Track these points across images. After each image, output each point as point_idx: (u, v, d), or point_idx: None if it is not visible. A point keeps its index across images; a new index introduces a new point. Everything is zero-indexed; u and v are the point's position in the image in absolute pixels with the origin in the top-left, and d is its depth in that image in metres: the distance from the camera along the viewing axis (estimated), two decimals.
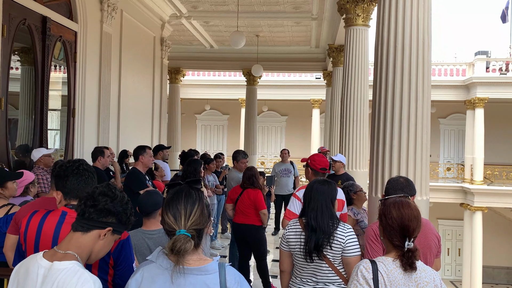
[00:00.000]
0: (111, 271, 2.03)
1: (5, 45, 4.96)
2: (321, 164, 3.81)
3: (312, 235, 2.67)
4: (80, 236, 1.68)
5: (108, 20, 7.26)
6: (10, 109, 5.33)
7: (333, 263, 2.68)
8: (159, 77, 10.17)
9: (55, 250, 1.66)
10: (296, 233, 2.79)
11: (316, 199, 2.78)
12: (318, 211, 2.73)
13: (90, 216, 1.68)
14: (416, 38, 3.74)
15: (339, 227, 2.71)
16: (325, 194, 2.80)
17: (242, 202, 5.16)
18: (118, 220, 1.73)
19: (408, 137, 3.73)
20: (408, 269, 1.93)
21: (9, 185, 3.24)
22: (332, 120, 11.25)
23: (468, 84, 17.56)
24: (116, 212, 1.72)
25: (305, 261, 2.71)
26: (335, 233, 2.68)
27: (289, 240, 2.80)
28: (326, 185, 2.86)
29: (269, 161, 21.04)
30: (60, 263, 1.60)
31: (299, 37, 12.49)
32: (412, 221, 1.97)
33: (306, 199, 2.85)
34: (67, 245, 1.67)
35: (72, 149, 6.50)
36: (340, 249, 2.67)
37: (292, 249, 2.79)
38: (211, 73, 20.29)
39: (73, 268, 1.60)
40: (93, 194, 1.72)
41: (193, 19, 10.72)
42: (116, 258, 2.01)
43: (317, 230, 2.67)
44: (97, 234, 1.70)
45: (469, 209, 16.82)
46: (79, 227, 1.69)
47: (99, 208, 1.69)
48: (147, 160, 4.88)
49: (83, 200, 1.72)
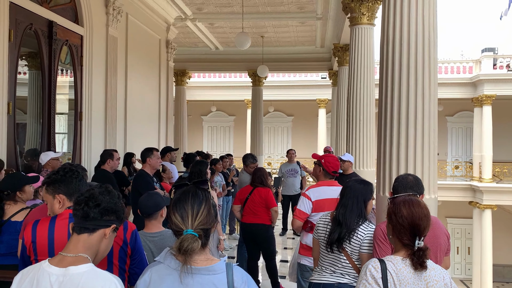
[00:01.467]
0: (128, 260, 2.12)
1: (12, 50, 5.01)
2: (334, 167, 3.88)
3: (337, 228, 2.82)
4: (87, 238, 1.68)
5: (114, 23, 7.30)
6: (19, 114, 5.38)
7: (351, 256, 2.80)
8: (165, 80, 10.20)
9: (63, 255, 1.64)
10: (324, 223, 2.97)
11: (348, 196, 2.92)
12: (348, 208, 2.87)
13: (95, 216, 1.70)
14: (422, 35, 3.71)
15: (363, 224, 2.84)
16: (358, 193, 2.93)
17: (252, 201, 5.18)
18: (117, 217, 1.77)
19: (415, 135, 3.71)
20: (419, 268, 1.91)
21: (26, 189, 3.27)
22: (339, 120, 11.22)
23: (475, 81, 17.44)
24: (116, 209, 1.76)
25: (326, 251, 2.87)
26: (357, 230, 2.81)
27: (318, 228, 3.00)
28: (362, 184, 2.99)
29: (276, 162, 21.03)
30: (76, 268, 1.58)
31: (304, 37, 12.48)
32: (423, 220, 1.96)
33: (341, 194, 3.00)
34: (76, 247, 1.66)
35: (79, 152, 6.54)
36: (358, 244, 2.79)
37: (319, 236, 2.97)
38: (217, 75, 20.33)
39: (92, 270, 1.59)
40: (93, 195, 1.73)
41: (198, 21, 10.75)
42: (132, 247, 2.11)
43: (342, 225, 2.81)
44: (102, 233, 1.71)
45: (478, 207, 16.69)
46: (84, 229, 1.69)
47: (103, 207, 1.71)
48: (155, 162, 4.91)
49: (83, 203, 1.71)
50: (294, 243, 7.99)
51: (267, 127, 20.92)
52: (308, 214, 3.70)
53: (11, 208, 3.16)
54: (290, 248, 7.90)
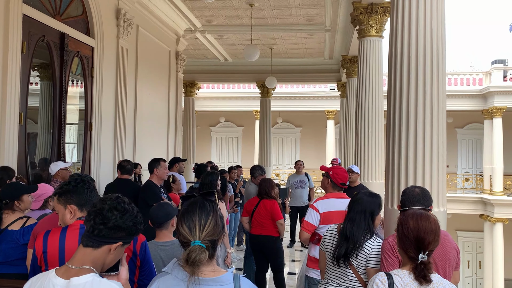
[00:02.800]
0: (137, 271, 2.12)
1: (25, 61, 5.09)
2: (342, 179, 3.85)
3: (343, 243, 2.79)
4: (92, 252, 1.65)
5: (124, 35, 7.40)
6: (30, 123, 5.45)
7: (357, 270, 2.77)
8: (174, 91, 10.29)
9: (68, 267, 1.63)
10: (331, 236, 2.93)
11: (356, 210, 2.88)
12: (355, 222, 2.83)
13: (100, 234, 1.66)
14: (430, 47, 3.72)
15: (370, 239, 2.81)
16: (366, 207, 2.88)
17: (258, 213, 5.17)
18: (127, 233, 1.71)
19: (424, 147, 3.69)
20: (423, 282, 1.90)
21: (24, 198, 3.28)
22: (347, 131, 11.19)
23: (485, 93, 17.33)
24: (125, 227, 1.69)
25: (332, 264, 2.84)
26: (364, 244, 2.78)
27: (324, 241, 2.96)
28: (370, 197, 2.95)
29: (284, 173, 20.98)
30: (78, 278, 1.59)
31: (313, 48, 12.53)
32: (429, 234, 1.94)
33: (349, 208, 2.96)
34: (81, 260, 1.64)
35: (89, 162, 6.59)
36: (365, 259, 2.76)
37: (325, 250, 2.93)
38: (226, 86, 20.45)
39: (94, 280, 1.59)
40: (102, 211, 1.67)
41: (208, 33, 10.86)
42: (142, 259, 2.11)
43: (349, 239, 2.78)
44: (108, 249, 1.67)
45: (489, 220, 16.46)
46: (89, 243, 1.66)
47: (109, 226, 1.66)
48: (162, 173, 4.91)
49: (92, 216, 1.67)
50: (302, 256, 7.93)
51: (275, 138, 20.93)
52: (315, 226, 3.67)
53: (8, 217, 3.19)
54: (298, 260, 7.84)
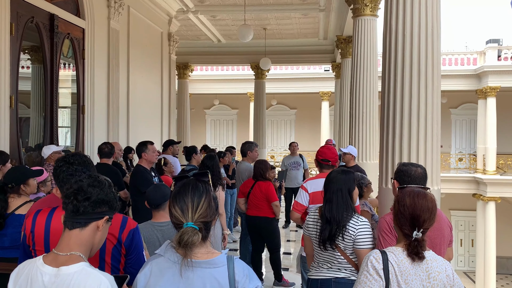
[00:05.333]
0: (122, 259, 2.07)
1: (14, 43, 5.00)
2: (321, 155, 3.79)
3: (326, 226, 2.73)
4: (79, 233, 1.63)
5: (115, 16, 7.27)
6: (22, 108, 5.39)
7: (345, 252, 2.74)
8: (167, 73, 10.19)
9: (55, 253, 1.60)
10: (314, 220, 2.87)
11: (332, 190, 2.80)
12: (334, 203, 2.76)
13: (85, 210, 1.63)
14: (425, 26, 3.68)
15: (352, 218, 2.73)
16: (342, 185, 2.80)
17: (254, 195, 5.18)
18: (110, 207, 1.70)
19: (418, 127, 3.69)
20: (416, 259, 1.91)
21: (30, 182, 3.28)
22: (342, 112, 11.19)
23: (480, 73, 17.32)
24: (108, 199, 1.69)
25: (319, 248, 2.80)
26: (348, 225, 2.71)
27: (307, 225, 2.90)
28: (343, 174, 2.86)
29: (279, 155, 21.02)
30: (67, 268, 1.55)
31: (307, 29, 12.41)
32: (425, 212, 1.94)
33: (324, 189, 2.88)
34: (68, 245, 1.61)
35: (82, 145, 6.55)
36: (351, 240, 2.70)
37: (310, 234, 2.88)
38: (219, 68, 20.28)
39: (83, 270, 1.56)
40: (82, 187, 1.65)
41: (200, 14, 10.71)
42: (128, 247, 2.05)
43: (332, 221, 2.72)
44: (95, 226, 1.66)
45: (482, 199, 16.66)
46: (76, 224, 1.63)
47: (93, 200, 1.64)
48: (151, 156, 4.79)
49: (71, 197, 1.64)
50: (297, 236, 8.01)
51: (270, 120, 20.89)
52: (305, 206, 3.68)
53: (15, 201, 3.18)
54: (293, 240, 7.91)
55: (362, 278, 1.94)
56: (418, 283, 1.90)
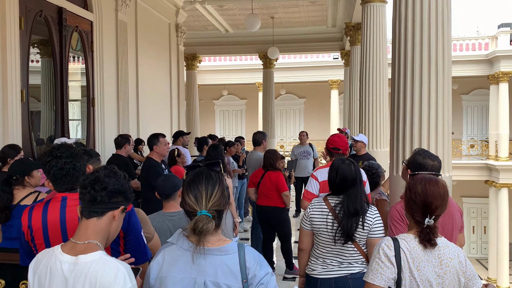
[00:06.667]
0: (121, 242, 2.10)
1: (23, 37, 5.03)
2: (332, 143, 3.76)
3: (353, 220, 2.64)
4: (96, 222, 1.67)
5: (123, 8, 7.27)
6: (33, 101, 5.43)
7: (359, 244, 2.71)
8: (175, 64, 10.18)
9: (73, 242, 1.64)
10: (322, 214, 2.76)
11: (349, 181, 2.72)
12: (355, 194, 2.69)
13: (102, 200, 1.68)
14: (435, 12, 3.63)
15: (369, 209, 2.72)
16: (355, 175, 2.75)
17: (264, 185, 5.19)
18: (125, 197, 1.75)
19: (429, 114, 3.66)
20: (428, 246, 1.90)
21: (34, 174, 3.35)
22: (351, 101, 11.11)
23: (491, 58, 17.05)
24: (124, 190, 1.74)
25: (332, 243, 2.70)
26: (366, 216, 2.69)
27: (313, 219, 2.78)
28: (351, 166, 2.79)
29: (288, 144, 21.00)
30: (85, 256, 1.59)
31: (315, 16, 12.29)
32: (436, 199, 1.93)
33: (335, 180, 2.78)
34: (85, 234, 1.65)
35: (93, 138, 6.60)
36: (367, 231, 2.69)
37: (316, 229, 2.77)
38: (227, 58, 20.22)
39: (101, 259, 1.59)
40: (99, 177, 1.70)
41: (207, 4, 10.64)
42: (125, 229, 2.07)
43: (358, 213, 2.65)
44: (111, 216, 1.70)
45: (494, 186, 16.51)
46: (93, 213, 1.67)
47: (110, 190, 1.69)
48: (162, 149, 4.77)
49: (88, 187, 1.69)
50: None
51: (279, 109, 20.83)
52: (316, 195, 3.67)
53: (19, 192, 3.25)
54: None
55: (373, 265, 1.94)
56: (430, 270, 1.90)
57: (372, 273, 1.93)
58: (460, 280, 1.92)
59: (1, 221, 3.21)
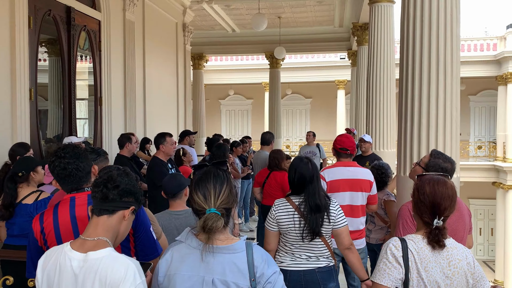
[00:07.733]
0: (131, 238, 2.10)
1: (32, 36, 5.06)
2: (340, 143, 3.75)
3: (317, 216, 2.71)
4: (107, 220, 1.68)
5: (131, 8, 7.30)
6: (41, 100, 5.47)
7: (325, 237, 2.78)
8: (182, 63, 10.21)
9: (83, 239, 1.64)
10: (288, 213, 2.79)
11: (307, 179, 2.79)
12: (314, 190, 2.77)
13: (114, 198, 1.69)
14: (444, 12, 3.61)
15: (330, 203, 2.79)
16: (312, 172, 2.81)
17: (269, 185, 5.18)
18: (135, 199, 1.77)
19: (437, 115, 3.64)
20: (436, 247, 1.89)
21: (39, 170, 3.40)
22: (358, 101, 11.08)
23: (500, 58, 16.92)
24: (135, 191, 1.76)
25: (300, 240, 2.76)
26: (329, 211, 2.76)
27: (280, 220, 2.80)
28: (309, 164, 2.85)
29: (294, 144, 20.98)
30: (95, 253, 1.58)
31: (322, 16, 12.27)
32: (445, 200, 1.92)
33: (294, 179, 2.84)
34: (95, 230, 1.66)
35: (100, 137, 6.64)
36: (332, 223, 2.76)
37: (283, 229, 2.80)
38: (234, 58, 20.23)
39: (111, 255, 1.59)
40: (112, 176, 1.72)
41: (214, 3, 10.66)
42: (134, 225, 2.07)
43: (321, 210, 2.72)
44: (122, 215, 1.71)
45: (502, 187, 16.38)
46: (103, 211, 1.68)
47: (122, 189, 1.71)
48: (168, 149, 4.75)
49: (101, 185, 1.70)
50: None
51: (285, 109, 20.80)
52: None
53: (22, 191, 3.32)
54: None
55: (381, 266, 1.93)
56: (438, 271, 1.89)
57: (380, 273, 1.92)
58: (468, 282, 1.91)
59: (5, 218, 3.26)
